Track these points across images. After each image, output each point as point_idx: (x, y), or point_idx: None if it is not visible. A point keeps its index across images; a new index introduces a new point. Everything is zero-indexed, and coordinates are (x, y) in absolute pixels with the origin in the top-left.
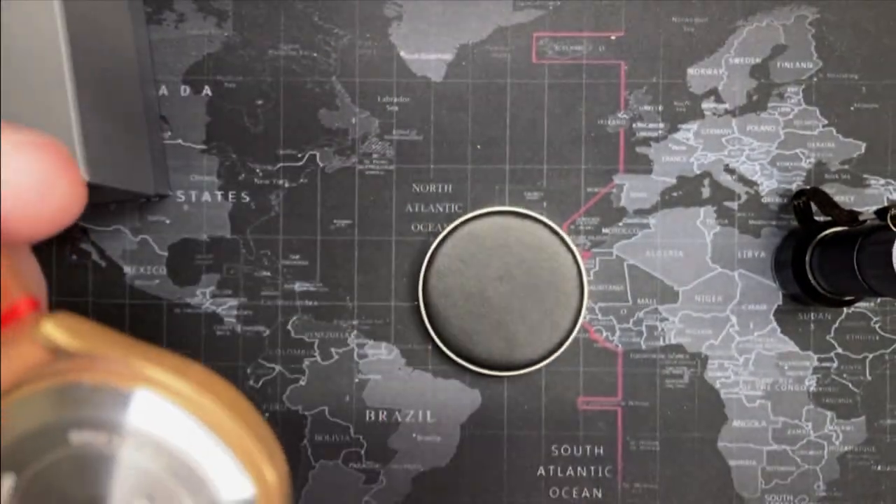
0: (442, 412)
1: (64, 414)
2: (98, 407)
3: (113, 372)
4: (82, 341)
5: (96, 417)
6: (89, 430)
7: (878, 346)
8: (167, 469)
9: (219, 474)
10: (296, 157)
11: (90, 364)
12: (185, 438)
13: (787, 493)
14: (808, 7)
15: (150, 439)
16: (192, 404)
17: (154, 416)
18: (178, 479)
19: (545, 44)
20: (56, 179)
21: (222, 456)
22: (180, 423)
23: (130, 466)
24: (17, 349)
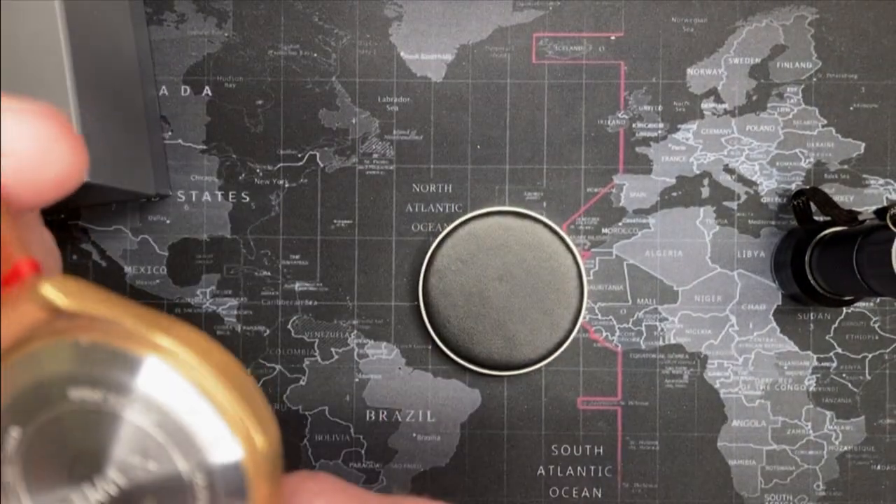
0: (442, 412)
1: (62, 370)
2: (94, 365)
3: (110, 333)
4: (79, 303)
5: (93, 375)
6: (86, 388)
7: (877, 345)
8: (160, 428)
9: (209, 437)
10: (296, 157)
11: (89, 325)
12: (177, 400)
13: (786, 493)
14: (807, 7)
15: (144, 398)
16: (186, 367)
17: (150, 377)
18: (170, 438)
19: (545, 44)
20: (56, 145)
21: (213, 419)
22: (174, 384)
23: (125, 423)
24: (18, 308)
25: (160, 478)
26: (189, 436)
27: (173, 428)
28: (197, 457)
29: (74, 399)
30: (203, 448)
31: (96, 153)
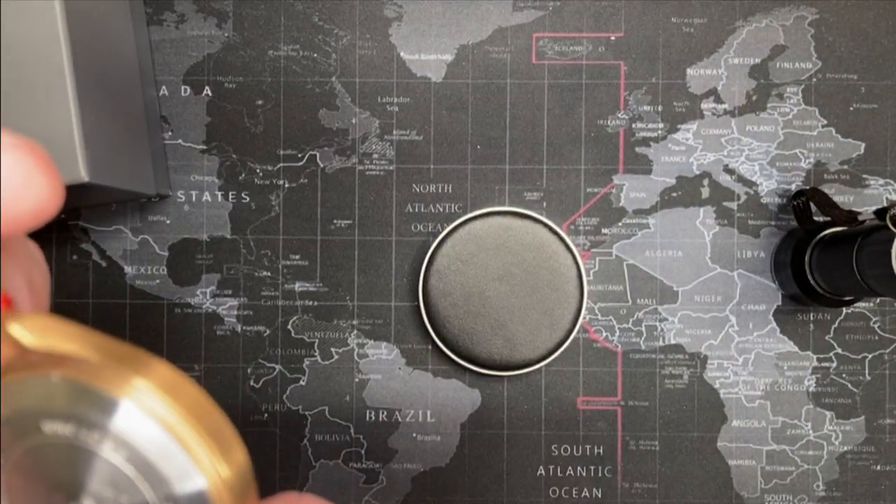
0: (442, 412)
1: (35, 404)
2: (65, 400)
3: (80, 369)
4: (46, 341)
5: (64, 410)
6: (59, 422)
7: (877, 346)
8: (129, 462)
9: (174, 470)
10: (296, 157)
11: (60, 360)
12: (143, 436)
13: (786, 493)
14: (807, 8)
15: (112, 434)
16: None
17: (118, 414)
18: (138, 472)
19: (545, 44)
20: (34, 178)
21: (177, 453)
22: (141, 421)
23: (97, 458)
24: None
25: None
26: (156, 470)
27: (140, 462)
28: (163, 489)
29: (48, 432)
30: (169, 480)
31: (96, 153)
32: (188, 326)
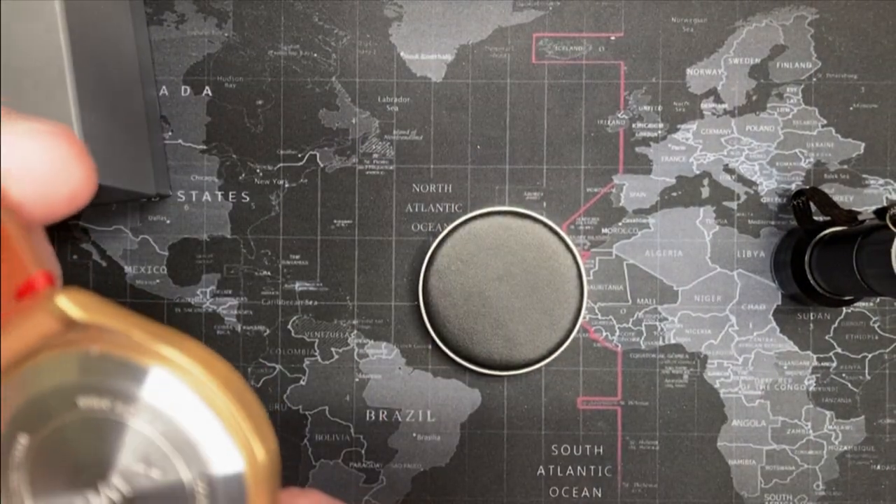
0: (442, 412)
1: (72, 380)
2: (103, 375)
3: (118, 344)
4: (91, 314)
5: (102, 385)
6: (95, 397)
7: (877, 345)
8: (165, 437)
9: (212, 447)
10: (296, 157)
11: (98, 336)
12: (183, 410)
13: (786, 493)
14: (807, 7)
15: (150, 408)
16: (192, 379)
17: (156, 388)
18: (174, 447)
19: (545, 44)
20: (71, 165)
21: (217, 431)
22: (180, 395)
23: (131, 432)
24: (32, 319)
25: (163, 486)
26: (193, 446)
27: (178, 438)
28: (200, 467)
29: (83, 408)
30: (206, 458)
31: (96, 153)
32: (188, 326)
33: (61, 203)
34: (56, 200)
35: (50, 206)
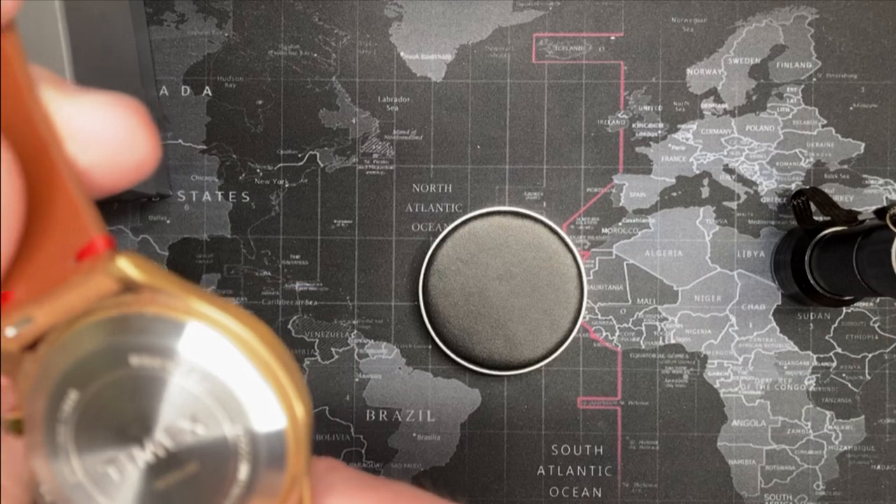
0: (442, 412)
1: (125, 339)
2: (155, 335)
3: (171, 306)
4: (148, 277)
5: (153, 344)
6: (146, 355)
7: (876, 345)
8: (212, 395)
9: (256, 405)
10: (296, 157)
11: (151, 298)
12: (230, 370)
13: (786, 493)
14: (807, 7)
15: (199, 367)
16: (239, 339)
17: (205, 347)
18: (219, 404)
19: (545, 44)
20: (138, 134)
21: (261, 389)
22: (228, 355)
23: (179, 389)
24: (92, 279)
25: (206, 442)
26: (239, 404)
27: (224, 396)
28: (244, 423)
29: (134, 365)
30: (250, 416)
31: None
32: None
33: (129, 171)
34: (123, 168)
35: (117, 175)
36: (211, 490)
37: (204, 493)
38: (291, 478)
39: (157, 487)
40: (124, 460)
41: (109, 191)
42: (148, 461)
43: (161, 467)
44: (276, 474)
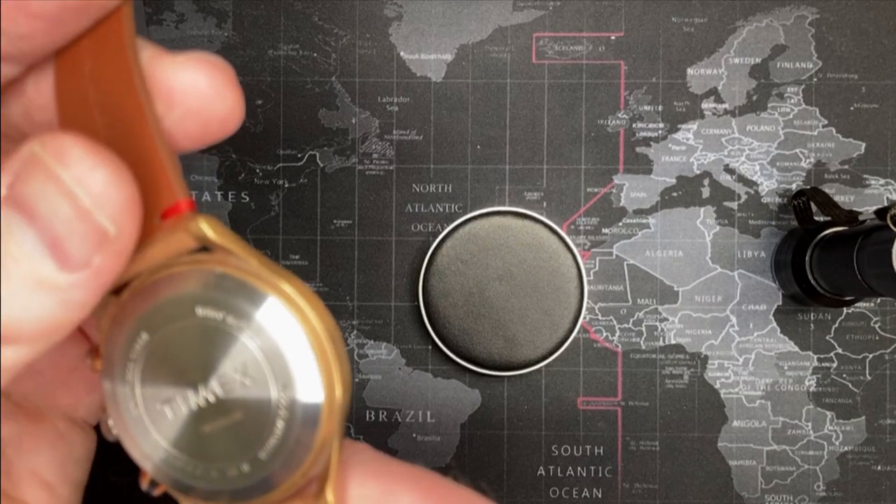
0: (442, 412)
1: (196, 292)
2: (223, 292)
3: (239, 268)
4: (224, 239)
5: (220, 299)
6: (212, 309)
7: (877, 346)
8: (265, 356)
9: (302, 376)
10: (296, 157)
11: (223, 259)
12: (285, 336)
13: (786, 494)
14: (807, 7)
15: (258, 327)
16: (298, 311)
17: (267, 311)
18: (271, 367)
19: (545, 44)
20: (226, 88)
21: (309, 361)
22: (286, 322)
23: (239, 344)
24: (174, 236)
25: (252, 398)
26: (288, 370)
27: (276, 359)
28: (288, 389)
29: (200, 316)
30: (295, 384)
31: None
32: None
33: (215, 125)
34: (211, 122)
35: (205, 129)
36: (250, 438)
37: (244, 439)
38: (322, 440)
39: (203, 430)
40: (179, 401)
41: (192, 147)
42: (199, 405)
43: (209, 413)
44: (309, 435)
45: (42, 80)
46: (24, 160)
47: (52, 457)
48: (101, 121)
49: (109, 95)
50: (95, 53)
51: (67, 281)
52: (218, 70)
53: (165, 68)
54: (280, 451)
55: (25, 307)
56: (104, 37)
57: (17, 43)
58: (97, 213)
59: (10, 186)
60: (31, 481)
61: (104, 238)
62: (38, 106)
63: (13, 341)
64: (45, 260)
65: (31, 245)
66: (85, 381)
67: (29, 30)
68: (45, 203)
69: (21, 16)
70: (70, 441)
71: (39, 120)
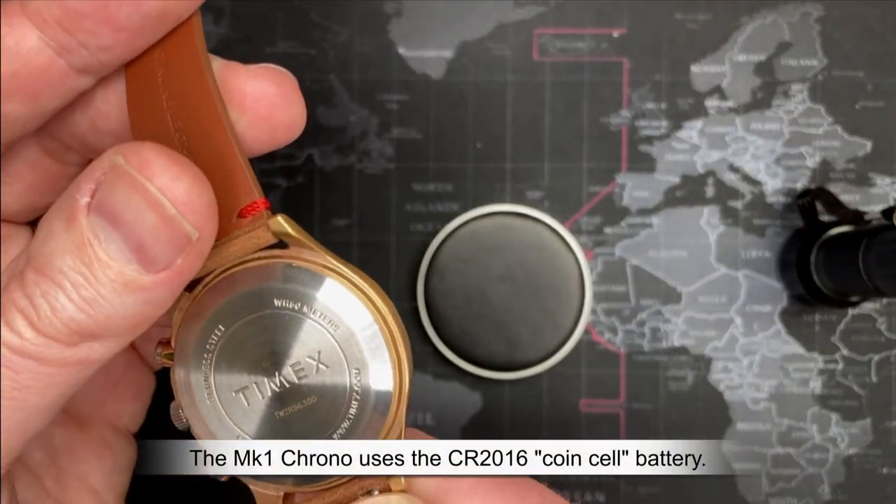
0: (442, 414)
1: (273, 284)
2: (299, 284)
3: (313, 262)
4: (300, 234)
5: (297, 291)
6: (289, 300)
7: (883, 347)
8: (340, 345)
9: (375, 364)
10: (293, 155)
11: (297, 253)
12: (360, 327)
13: (791, 497)
14: (813, 4)
15: (334, 317)
16: (370, 304)
17: (341, 302)
18: (347, 353)
19: (546, 41)
20: (291, 96)
21: (382, 350)
22: (359, 314)
23: (315, 332)
24: (253, 233)
25: (326, 385)
26: (363, 359)
27: (352, 349)
28: (363, 377)
29: (277, 307)
30: (369, 372)
31: None
32: None
33: (282, 131)
34: (279, 127)
35: (273, 133)
36: (324, 421)
37: (317, 423)
38: (391, 422)
39: (278, 415)
40: (254, 389)
41: (260, 151)
42: (275, 390)
43: (284, 398)
44: (379, 418)
45: (110, 91)
46: (107, 170)
47: (98, 464)
48: (174, 126)
49: (184, 102)
50: (168, 63)
51: (152, 281)
52: (287, 80)
53: (239, 76)
54: (350, 434)
55: (114, 307)
56: (177, 46)
57: (98, 55)
58: (181, 220)
59: (93, 193)
60: (79, 488)
61: (187, 242)
62: (105, 115)
63: (103, 337)
64: (132, 264)
65: (117, 250)
66: (132, 389)
67: (111, 42)
68: (130, 211)
69: (106, 29)
70: (115, 449)
71: (105, 129)
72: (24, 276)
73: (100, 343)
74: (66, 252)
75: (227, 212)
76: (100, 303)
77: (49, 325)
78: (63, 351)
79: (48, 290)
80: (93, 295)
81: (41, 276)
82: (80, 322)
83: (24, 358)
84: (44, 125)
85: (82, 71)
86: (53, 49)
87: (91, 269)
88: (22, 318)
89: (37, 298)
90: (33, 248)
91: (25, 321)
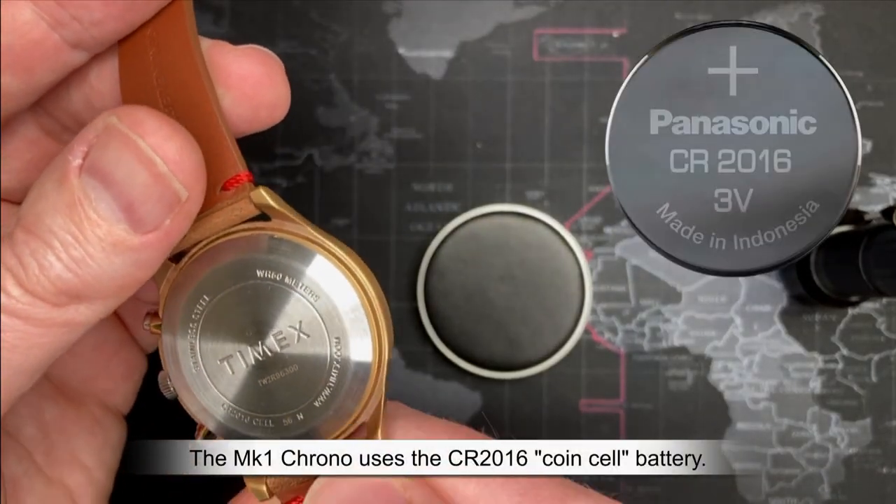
0: (442, 414)
1: (256, 255)
2: (281, 255)
3: (295, 233)
4: (281, 206)
5: (279, 262)
6: (271, 270)
7: (883, 347)
8: (321, 315)
9: (356, 336)
10: (293, 155)
11: (280, 225)
12: (340, 298)
13: (791, 497)
14: (813, 4)
15: (316, 288)
16: (350, 274)
17: (322, 272)
18: (327, 323)
19: (546, 41)
20: (275, 76)
21: (362, 322)
22: (340, 285)
23: (297, 303)
24: (236, 205)
25: (307, 355)
26: (343, 329)
27: (332, 319)
28: (343, 348)
29: (259, 277)
30: (349, 343)
31: None
32: None
33: (265, 110)
34: (262, 106)
35: (256, 111)
36: (306, 389)
37: (300, 390)
38: (371, 389)
39: (261, 383)
40: (238, 357)
41: (244, 131)
42: (258, 358)
43: (266, 367)
44: (359, 386)
45: (104, 68)
46: (99, 130)
47: (89, 441)
48: (163, 101)
49: (173, 78)
50: (159, 41)
51: (140, 242)
52: (272, 60)
53: (226, 55)
54: (332, 401)
55: (102, 267)
56: (168, 25)
57: (91, 29)
58: (172, 178)
59: (85, 155)
60: (70, 464)
61: (176, 201)
62: (100, 93)
63: (89, 299)
64: (121, 223)
65: (107, 208)
66: (123, 368)
67: (102, 16)
68: (122, 169)
69: (96, 2)
70: (106, 427)
71: (100, 106)
72: (14, 235)
73: (86, 305)
74: (56, 211)
75: (212, 184)
76: (88, 262)
77: (37, 283)
78: (49, 311)
79: (37, 249)
80: (81, 255)
81: (30, 235)
82: (68, 281)
83: (10, 317)
84: (40, 102)
85: (76, 45)
86: (47, 22)
87: (81, 228)
88: (10, 277)
89: (25, 257)
90: (24, 209)
91: (13, 279)
